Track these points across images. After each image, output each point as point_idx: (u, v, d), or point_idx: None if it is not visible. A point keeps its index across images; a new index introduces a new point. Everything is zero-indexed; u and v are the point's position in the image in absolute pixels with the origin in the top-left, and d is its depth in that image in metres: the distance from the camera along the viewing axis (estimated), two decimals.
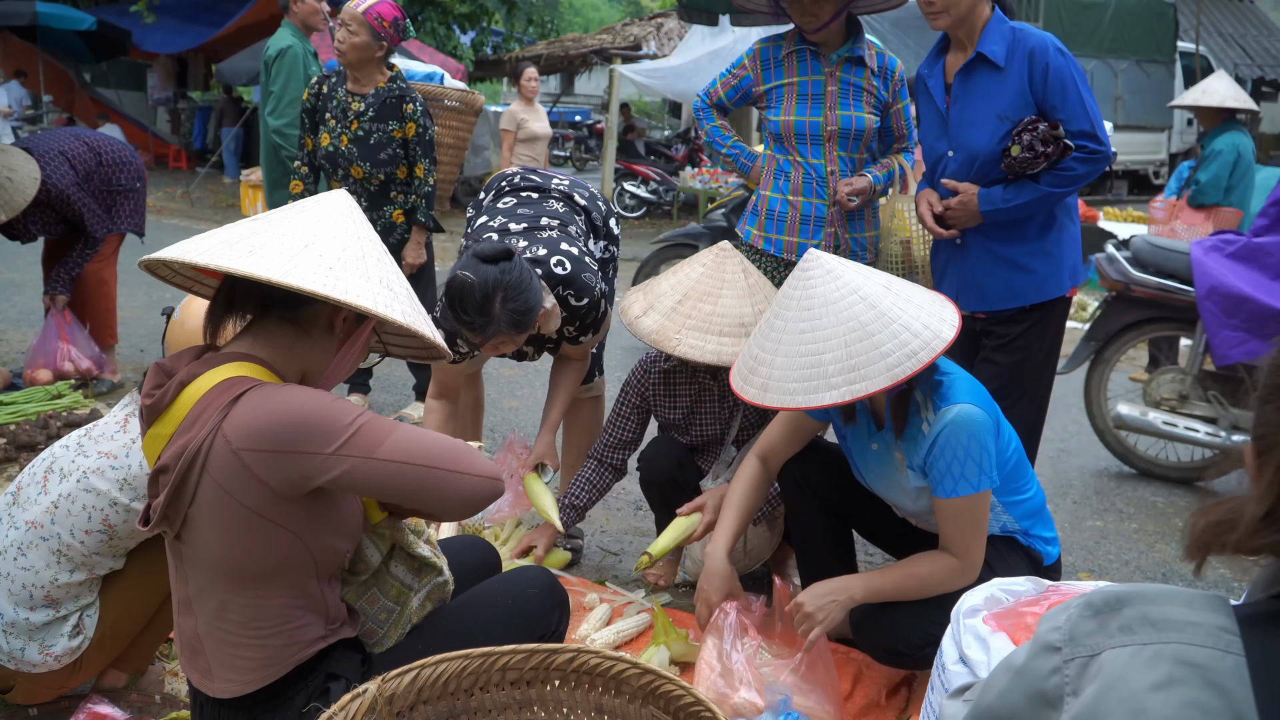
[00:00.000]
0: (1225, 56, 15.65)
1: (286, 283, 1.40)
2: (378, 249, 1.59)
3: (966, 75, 2.76)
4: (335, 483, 1.48)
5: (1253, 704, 0.77)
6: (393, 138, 3.94)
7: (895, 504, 2.37)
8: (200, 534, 1.50)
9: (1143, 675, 0.81)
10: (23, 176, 3.96)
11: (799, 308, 2.04)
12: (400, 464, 1.49)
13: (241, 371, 1.52)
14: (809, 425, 2.42)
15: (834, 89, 3.08)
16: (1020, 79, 2.68)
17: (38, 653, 2.01)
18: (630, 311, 2.75)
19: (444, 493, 1.53)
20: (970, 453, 2.04)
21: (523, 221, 2.86)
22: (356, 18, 3.86)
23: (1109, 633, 0.86)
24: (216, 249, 1.46)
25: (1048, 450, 4.61)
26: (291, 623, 1.56)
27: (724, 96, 3.24)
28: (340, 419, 1.48)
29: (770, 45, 3.16)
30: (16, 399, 4.14)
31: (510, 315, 2.43)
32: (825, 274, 2.04)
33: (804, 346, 2.00)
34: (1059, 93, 2.66)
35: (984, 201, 2.75)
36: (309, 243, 1.49)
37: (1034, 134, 2.63)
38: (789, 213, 3.15)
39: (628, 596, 2.85)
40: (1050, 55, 2.66)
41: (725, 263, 2.76)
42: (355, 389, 4.56)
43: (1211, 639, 0.81)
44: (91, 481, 2.00)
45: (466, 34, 17.30)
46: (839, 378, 1.95)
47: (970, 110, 2.76)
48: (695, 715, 1.45)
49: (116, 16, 14.78)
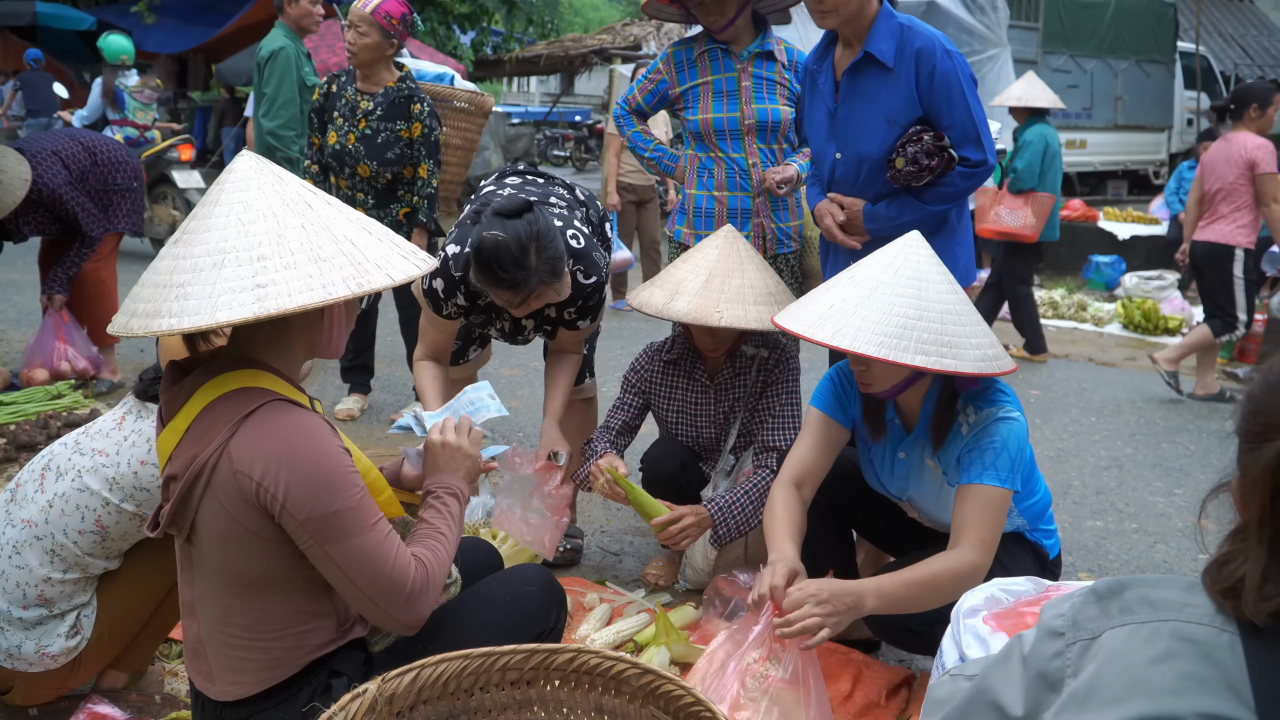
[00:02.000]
0: (1225, 56, 15.65)
1: (216, 324, 1.34)
2: (296, 211, 1.46)
3: (855, 75, 2.68)
4: (297, 541, 1.49)
5: (1246, 676, 0.80)
6: (400, 137, 3.95)
7: (915, 505, 2.38)
8: (205, 543, 1.51)
9: (1141, 650, 0.84)
10: (12, 177, 3.96)
11: (896, 273, 2.05)
12: (338, 570, 1.49)
13: (251, 382, 1.51)
14: (838, 437, 2.35)
15: (748, 84, 3.13)
16: (908, 81, 2.60)
17: (34, 650, 2.00)
18: (655, 301, 2.71)
19: (353, 603, 1.56)
20: (1008, 449, 2.08)
21: (534, 195, 2.85)
22: (365, 18, 3.85)
23: (1109, 615, 0.89)
24: (151, 306, 1.39)
25: (1048, 450, 4.62)
26: (300, 626, 1.57)
27: (642, 101, 3.31)
28: (329, 496, 1.46)
29: (683, 48, 3.21)
30: (16, 399, 4.14)
31: (548, 263, 2.40)
32: (927, 256, 2.09)
33: (898, 308, 2.00)
34: (945, 98, 2.59)
35: (868, 220, 2.73)
36: (222, 255, 1.40)
37: (919, 146, 2.57)
38: (715, 208, 3.20)
39: (628, 596, 2.85)
40: (938, 57, 2.57)
41: (737, 241, 2.79)
42: (355, 389, 4.56)
43: (1207, 617, 0.85)
44: (85, 481, 2.00)
45: (466, 34, 17.30)
46: (931, 347, 1.97)
47: (859, 111, 2.68)
48: (695, 715, 1.45)
49: (116, 16, 14.77)
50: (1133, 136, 13.64)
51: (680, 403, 2.92)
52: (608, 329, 5.92)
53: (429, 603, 1.58)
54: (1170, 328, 7.84)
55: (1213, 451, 4.79)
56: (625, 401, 2.97)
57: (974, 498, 2.07)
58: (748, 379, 2.85)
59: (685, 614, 2.69)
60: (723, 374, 2.87)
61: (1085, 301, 8.37)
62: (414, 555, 1.58)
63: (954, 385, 2.17)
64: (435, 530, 1.68)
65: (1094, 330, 7.91)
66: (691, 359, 2.90)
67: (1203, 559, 0.91)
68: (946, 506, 2.28)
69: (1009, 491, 2.08)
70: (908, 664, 2.61)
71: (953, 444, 2.16)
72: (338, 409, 4.45)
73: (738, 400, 2.86)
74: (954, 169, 2.61)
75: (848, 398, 2.34)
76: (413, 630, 1.59)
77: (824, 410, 2.33)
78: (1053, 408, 5.43)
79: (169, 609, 2.19)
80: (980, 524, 2.05)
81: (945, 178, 2.62)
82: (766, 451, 2.77)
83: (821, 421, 2.33)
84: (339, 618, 1.62)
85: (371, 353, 4.58)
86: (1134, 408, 5.56)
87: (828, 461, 2.33)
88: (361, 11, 3.86)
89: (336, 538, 1.47)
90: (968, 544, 2.04)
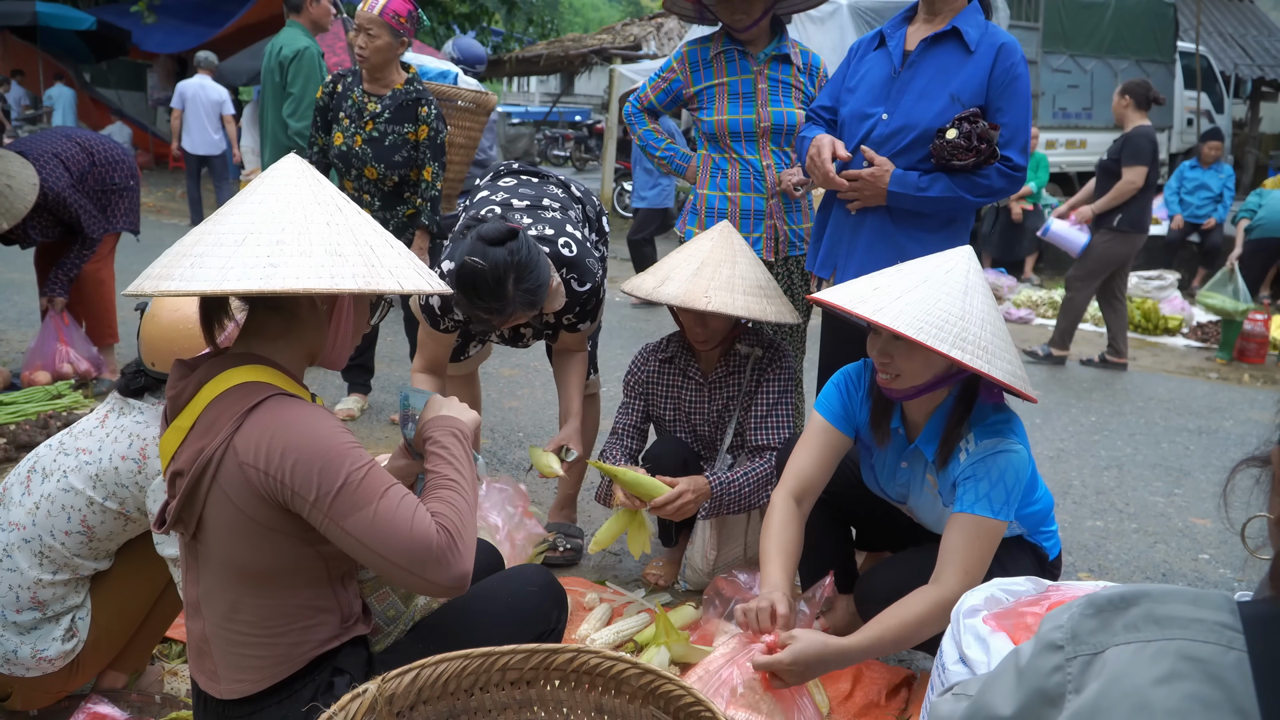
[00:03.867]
0: (1225, 56, 15.65)
1: (221, 290, 1.38)
2: (326, 210, 1.51)
3: (932, 45, 2.67)
4: (317, 526, 1.48)
5: (1254, 698, 0.78)
6: (407, 140, 3.94)
7: (913, 512, 2.39)
8: (212, 536, 1.52)
9: (1146, 670, 0.82)
10: (21, 183, 3.94)
11: (947, 274, 2.02)
12: (357, 543, 1.46)
13: (255, 376, 1.52)
14: (841, 446, 2.32)
15: (764, 86, 3.14)
16: (985, 67, 2.62)
17: (30, 655, 2.00)
18: (645, 285, 2.74)
19: (390, 578, 1.52)
20: (1004, 482, 2.06)
21: (525, 199, 2.84)
22: (375, 20, 3.83)
23: (1113, 631, 0.87)
24: (164, 270, 1.44)
25: (1048, 450, 4.62)
26: (304, 621, 1.57)
27: (655, 100, 3.30)
28: (334, 471, 1.45)
29: (698, 47, 3.20)
30: (16, 399, 4.14)
31: (524, 295, 2.40)
32: (978, 270, 2.07)
33: (944, 302, 1.97)
34: (1011, 96, 2.61)
35: (896, 182, 2.63)
36: (246, 234, 1.45)
37: (974, 126, 2.55)
38: (728, 208, 3.20)
39: (628, 596, 2.85)
40: (1017, 58, 2.62)
41: (731, 236, 2.80)
42: (355, 389, 4.56)
43: (1214, 635, 0.82)
44: (71, 480, 2.00)
45: (467, 34, 17.31)
46: (971, 345, 1.95)
47: (924, 81, 2.66)
48: (695, 715, 1.45)
49: (116, 16, 14.79)
50: None
51: (676, 401, 2.93)
52: (608, 329, 5.91)
53: (465, 556, 1.52)
54: (1170, 328, 7.84)
55: (1213, 451, 4.79)
56: (629, 405, 2.99)
57: (964, 527, 2.05)
58: (742, 377, 2.86)
59: (685, 614, 2.69)
60: (716, 372, 2.88)
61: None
62: (432, 513, 1.53)
63: (969, 401, 2.13)
64: (444, 479, 1.61)
65: (1094, 330, 7.92)
66: (686, 357, 2.91)
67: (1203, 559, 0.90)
68: (941, 518, 2.29)
69: (1002, 523, 2.06)
70: (908, 664, 2.61)
71: (952, 468, 2.14)
72: (338, 409, 4.45)
73: (732, 398, 2.87)
74: (994, 164, 2.61)
75: (854, 405, 2.31)
76: (460, 589, 1.53)
77: (829, 418, 2.30)
78: (1053, 408, 5.43)
79: (164, 608, 2.20)
80: (966, 555, 2.04)
81: (983, 170, 2.61)
82: (759, 452, 2.78)
83: (825, 429, 2.30)
84: (343, 613, 1.62)
85: (372, 353, 4.58)
86: (1134, 408, 5.56)
87: (829, 471, 2.31)
88: (370, 14, 3.83)
89: (349, 510, 1.46)
90: (950, 574, 2.02)
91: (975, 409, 2.13)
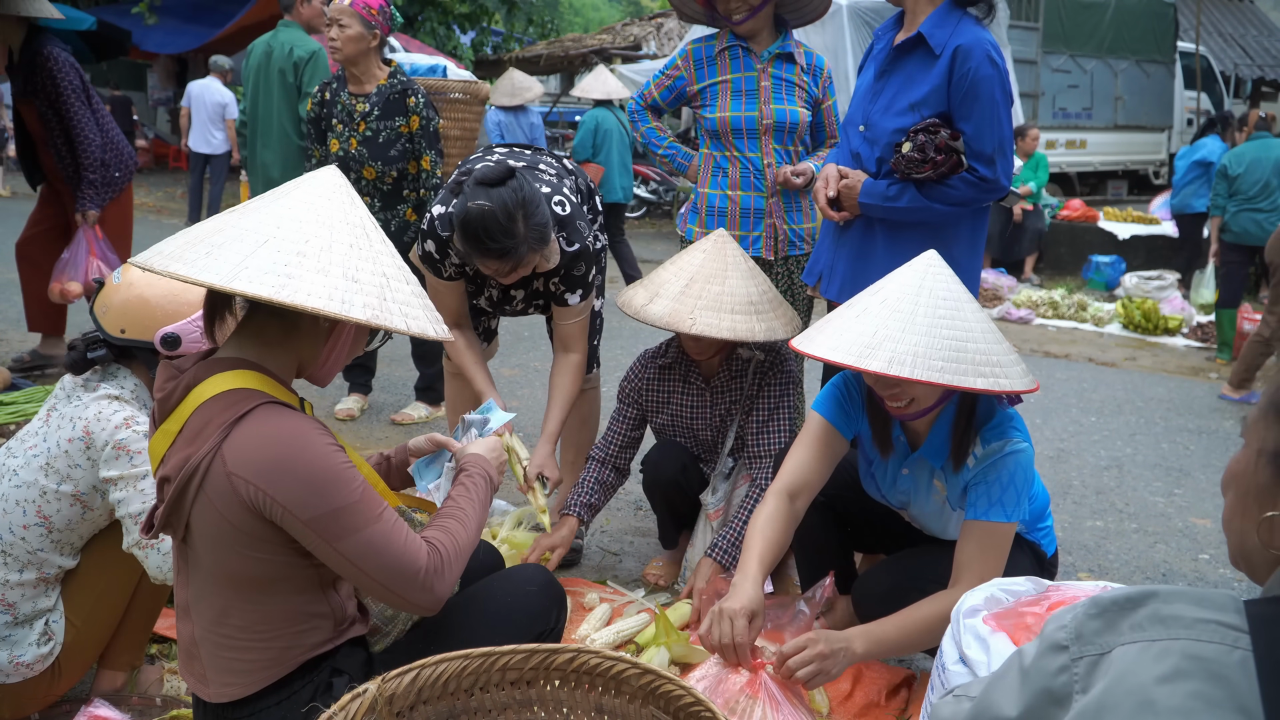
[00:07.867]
0: (1225, 56, 15.66)
1: (231, 288, 1.36)
2: (353, 233, 1.50)
3: (902, 53, 2.60)
4: (303, 542, 1.49)
5: (1257, 696, 0.79)
6: (400, 133, 3.95)
7: (914, 518, 2.38)
8: (200, 543, 1.51)
9: (1150, 669, 0.83)
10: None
11: (931, 295, 2.00)
12: (348, 564, 1.49)
13: (245, 382, 1.51)
14: (839, 447, 2.30)
15: (767, 84, 3.13)
16: (944, 73, 2.50)
17: (7, 660, 1.99)
18: (635, 301, 2.74)
19: (370, 594, 1.59)
20: (1015, 484, 2.07)
21: (521, 161, 2.83)
22: (345, 10, 3.86)
23: (1119, 631, 0.87)
24: (177, 251, 1.42)
25: (1048, 450, 4.61)
26: (296, 626, 1.56)
27: (658, 98, 3.29)
28: (329, 494, 1.46)
29: (702, 45, 3.21)
30: (16, 399, 4.13)
31: (535, 229, 2.38)
32: (951, 275, 2.05)
33: (944, 332, 1.96)
34: (972, 103, 2.48)
35: (865, 193, 2.62)
36: (269, 237, 1.43)
37: (931, 137, 2.47)
38: (729, 207, 3.19)
39: (628, 596, 2.85)
40: (976, 60, 2.46)
41: (725, 247, 2.78)
42: (355, 389, 4.55)
43: (1219, 634, 0.83)
44: (22, 476, 2.00)
45: (466, 34, 17.30)
46: (985, 368, 1.94)
47: (892, 91, 2.61)
48: (695, 715, 1.45)
49: (116, 16, 14.76)
50: (1132, 136, 13.64)
51: (676, 407, 2.92)
52: (609, 328, 5.91)
53: (447, 583, 1.59)
54: (1170, 328, 7.83)
55: (1213, 451, 4.79)
56: (623, 414, 2.97)
57: (979, 535, 2.06)
58: (744, 382, 2.85)
59: (685, 614, 2.69)
60: (719, 377, 2.87)
61: (1085, 301, 8.37)
62: (427, 539, 1.59)
63: (973, 405, 2.13)
64: (459, 509, 1.71)
65: (1094, 330, 7.91)
66: (686, 363, 2.90)
67: (1203, 559, 0.91)
68: (947, 524, 2.30)
69: (1014, 525, 2.08)
70: (908, 664, 2.61)
71: (963, 472, 2.14)
72: (338, 409, 4.44)
73: (734, 403, 2.86)
74: (960, 174, 2.52)
75: (854, 409, 2.29)
76: (433, 611, 1.59)
77: (828, 419, 2.28)
78: (1052, 408, 5.43)
79: (144, 600, 2.18)
80: (983, 563, 2.04)
81: (950, 180, 2.53)
82: (758, 459, 2.78)
83: (824, 429, 2.27)
84: (336, 618, 1.61)
85: (373, 353, 4.57)
86: (1134, 408, 5.56)
87: (825, 472, 2.29)
88: (340, 5, 3.86)
89: (343, 534, 1.47)
90: (967, 584, 2.00)
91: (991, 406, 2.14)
